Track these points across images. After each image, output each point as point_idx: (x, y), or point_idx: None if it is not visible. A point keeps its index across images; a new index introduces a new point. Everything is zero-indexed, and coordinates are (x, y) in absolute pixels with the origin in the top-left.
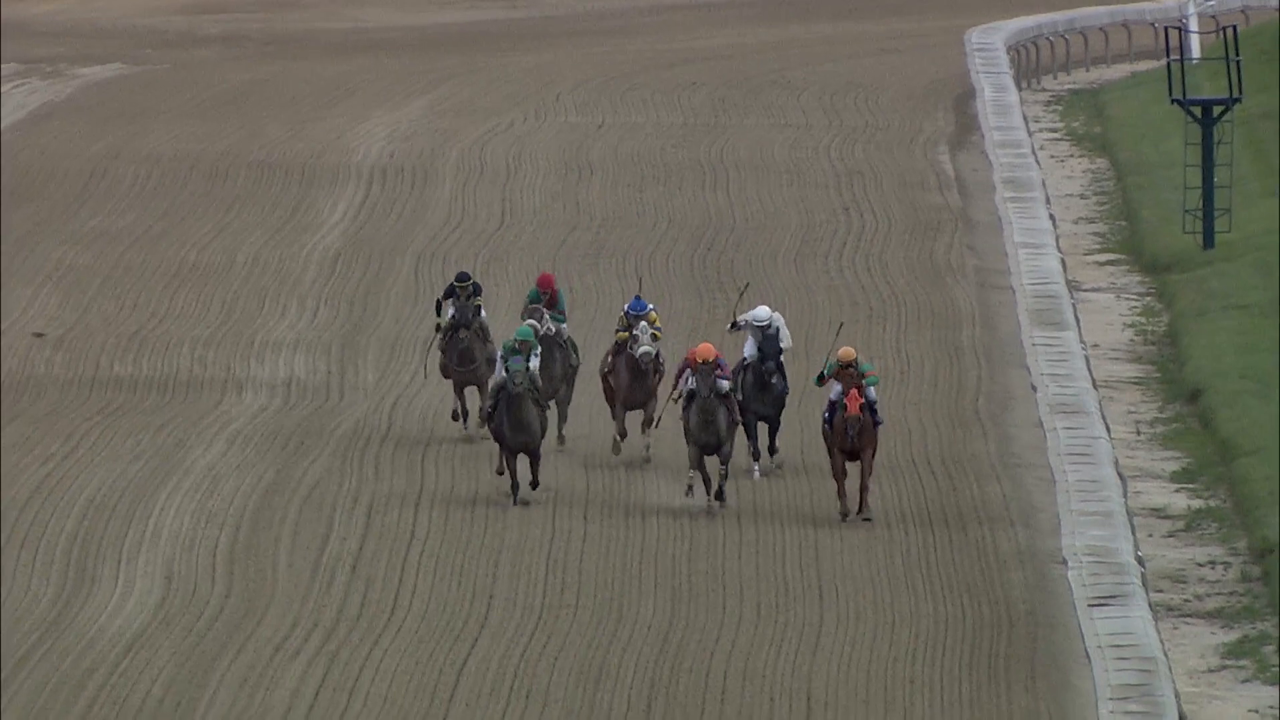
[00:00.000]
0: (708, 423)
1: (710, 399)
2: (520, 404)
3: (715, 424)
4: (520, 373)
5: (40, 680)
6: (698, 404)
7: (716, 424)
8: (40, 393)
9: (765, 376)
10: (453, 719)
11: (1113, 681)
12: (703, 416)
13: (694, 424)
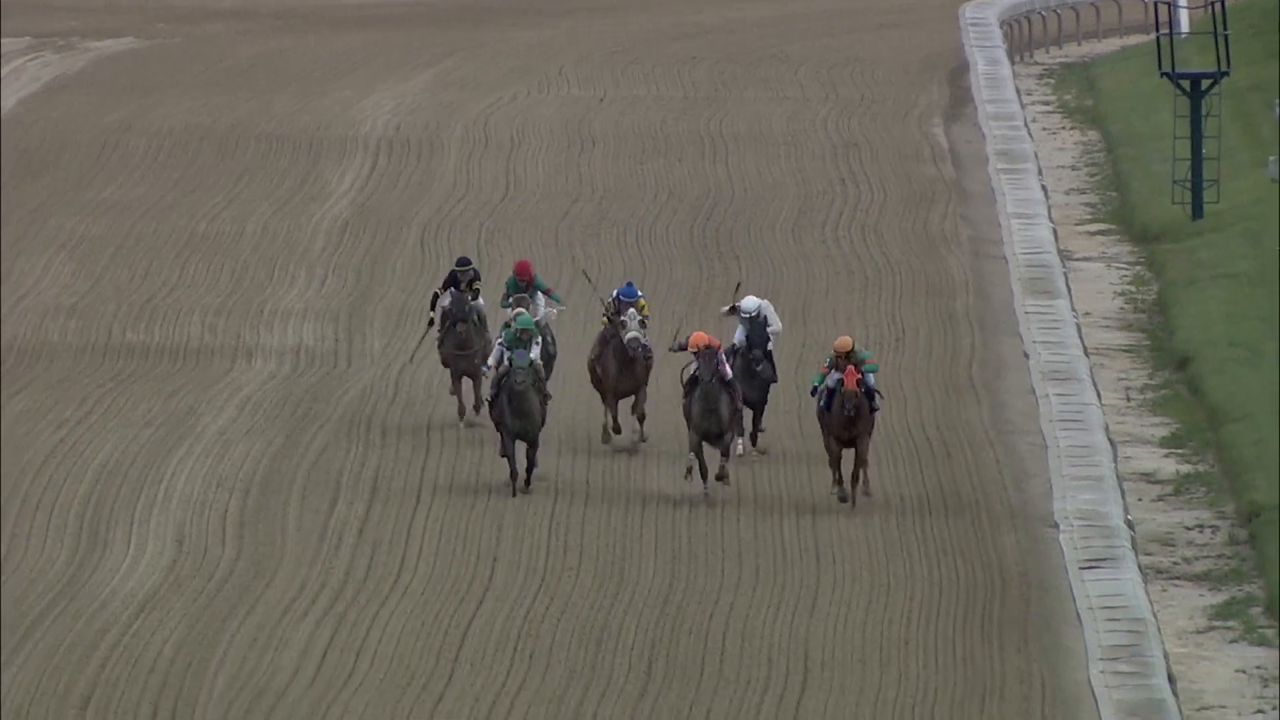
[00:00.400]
0: (710, 410)
1: (713, 384)
2: (523, 394)
3: (718, 411)
4: (524, 369)
5: (54, 641)
6: (701, 389)
7: (719, 411)
8: (53, 360)
9: (752, 364)
10: (457, 679)
11: (1103, 642)
12: (705, 403)
13: (696, 411)
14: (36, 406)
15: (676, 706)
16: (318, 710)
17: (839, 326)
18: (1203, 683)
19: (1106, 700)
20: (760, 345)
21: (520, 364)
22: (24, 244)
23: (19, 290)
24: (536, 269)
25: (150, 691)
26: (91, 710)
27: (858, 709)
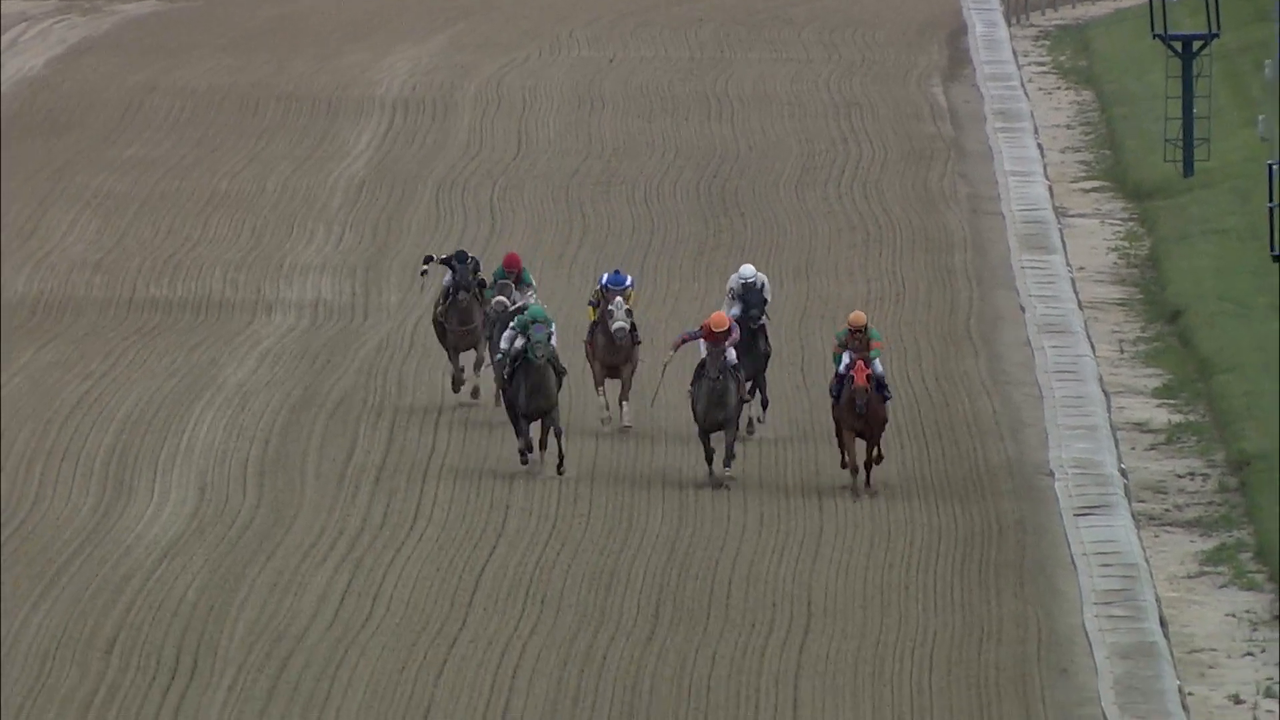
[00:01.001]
0: (714, 405)
1: (720, 379)
2: (541, 372)
3: (724, 404)
4: (542, 344)
5: (81, 585)
6: (706, 385)
7: (725, 404)
8: (80, 314)
9: (750, 325)
10: (471, 622)
11: (1097, 587)
12: (711, 397)
13: (702, 405)
14: (63, 359)
15: (683, 649)
16: (335, 653)
17: (841, 281)
18: (1193, 626)
19: (1100, 643)
20: (757, 304)
21: (539, 338)
22: (51, 201)
23: (46, 245)
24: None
25: (174, 634)
26: (117, 652)
27: (859, 652)
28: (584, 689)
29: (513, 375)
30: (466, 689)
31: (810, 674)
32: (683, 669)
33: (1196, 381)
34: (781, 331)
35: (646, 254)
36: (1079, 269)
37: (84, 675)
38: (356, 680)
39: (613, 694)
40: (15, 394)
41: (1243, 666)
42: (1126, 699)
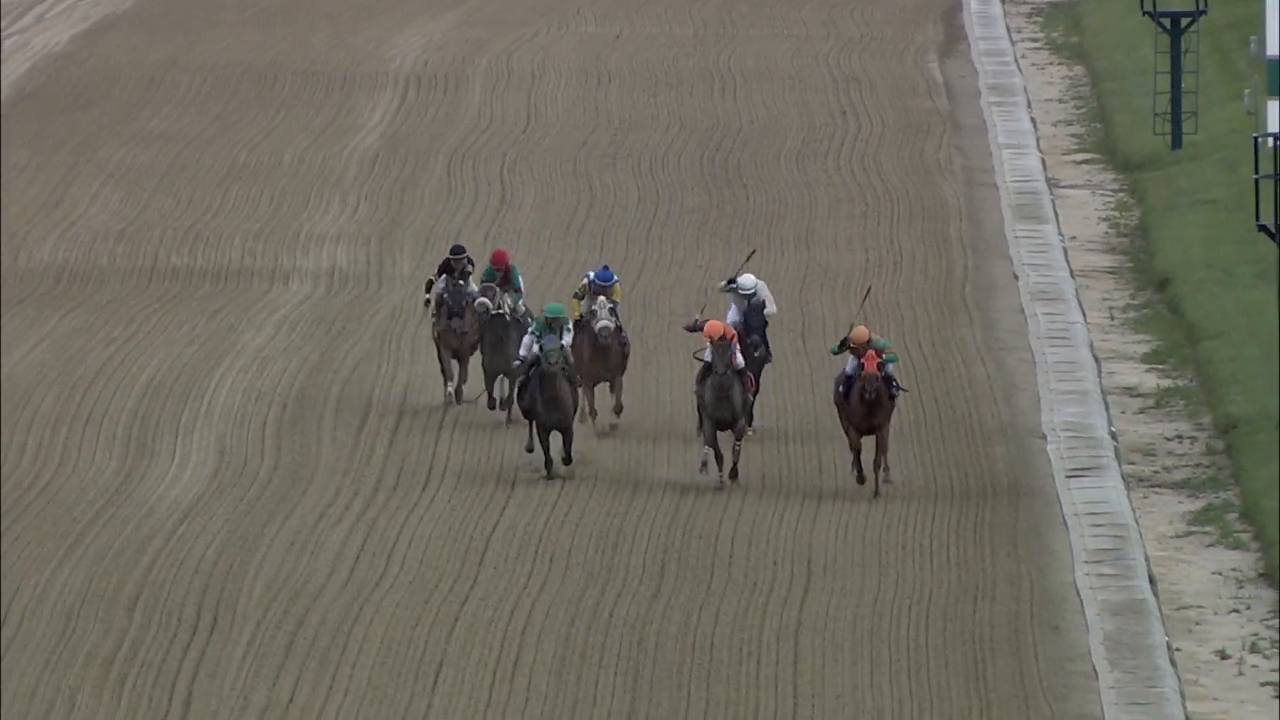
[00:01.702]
0: (722, 399)
1: (727, 375)
2: (554, 381)
3: (731, 399)
4: (555, 351)
5: (105, 545)
6: (713, 380)
7: (732, 399)
8: (103, 282)
9: (750, 349)
10: (482, 580)
11: (1088, 546)
12: (718, 392)
13: (710, 399)
14: (87, 325)
15: (687, 606)
16: (351, 610)
17: (840, 250)
18: (1181, 584)
19: (1091, 600)
20: (758, 327)
21: (551, 348)
22: (75, 173)
23: (70, 216)
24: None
25: (194, 592)
26: (139, 609)
27: (857, 609)
28: (591, 645)
29: (527, 383)
30: (477, 644)
31: (810, 631)
32: (687, 625)
33: (1184, 347)
34: (783, 299)
35: (652, 224)
36: (1071, 238)
37: (107, 631)
38: (371, 636)
39: (619, 650)
40: (40, 360)
41: (1229, 623)
42: (1116, 654)
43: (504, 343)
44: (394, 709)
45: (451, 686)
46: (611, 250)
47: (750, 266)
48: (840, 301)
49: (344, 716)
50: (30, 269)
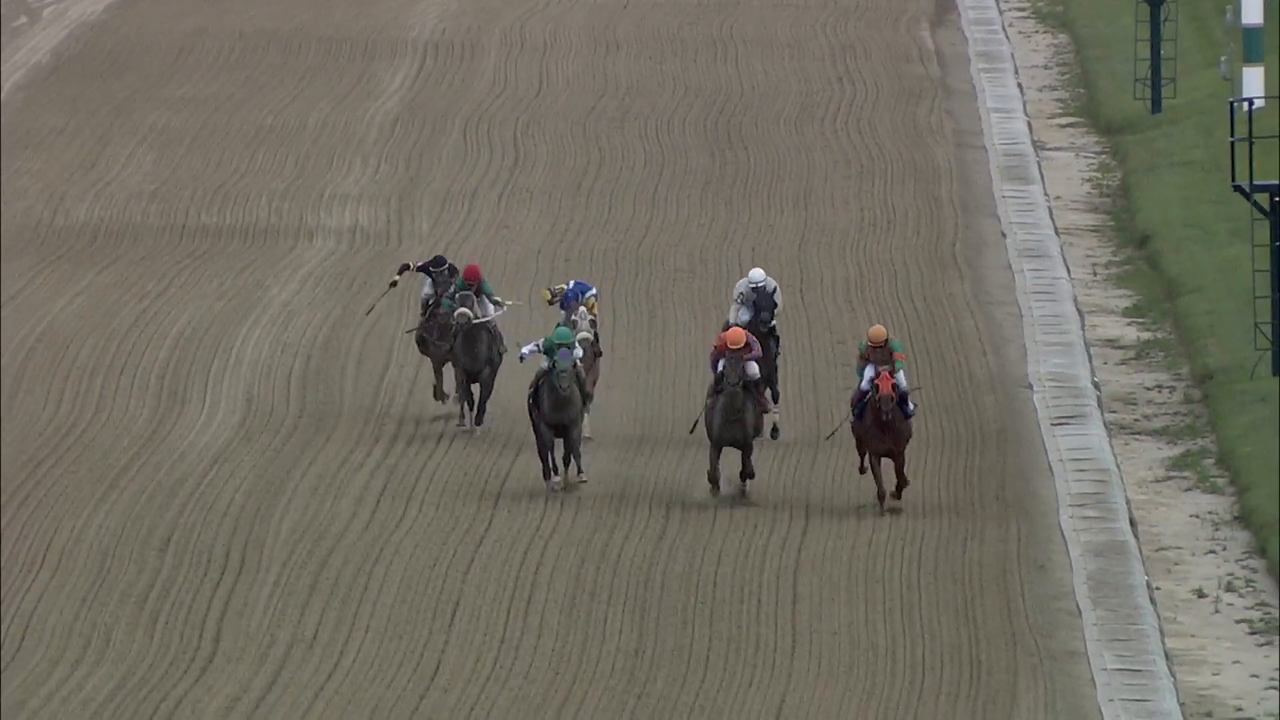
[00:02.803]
0: (732, 420)
1: (737, 390)
2: (567, 398)
3: (742, 419)
4: (567, 371)
5: (138, 489)
6: (724, 397)
7: (743, 419)
8: (137, 239)
9: (760, 328)
10: (496, 522)
11: (1072, 490)
12: (728, 413)
13: (718, 420)
14: (122, 280)
15: (691, 548)
16: (372, 551)
17: (837, 209)
18: (1161, 526)
19: (1075, 542)
20: (767, 306)
21: (564, 365)
22: (110, 136)
23: (106, 177)
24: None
25: (223, 534)
26: (171, 550)
27: (853, 550)
28: (600, 584)
29: (538, 391)
30: (492, 584)
31: (808, 571)
32: (691, 565)
33: (1163, 301)
34: (781, 257)
35: (658, 184)
36: (1056, 198)
37: (141, 571)
38: (391, 576)
39: (627, 588)
40: (78, 313)
41: (1206, 563)
42: (1099, 593)
43: (476, 344)
44: (413, 644)
45: (468, 623)
46: (619, 209)
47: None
48: (836, 258)
49: (365, 651)
50: (68, 227)
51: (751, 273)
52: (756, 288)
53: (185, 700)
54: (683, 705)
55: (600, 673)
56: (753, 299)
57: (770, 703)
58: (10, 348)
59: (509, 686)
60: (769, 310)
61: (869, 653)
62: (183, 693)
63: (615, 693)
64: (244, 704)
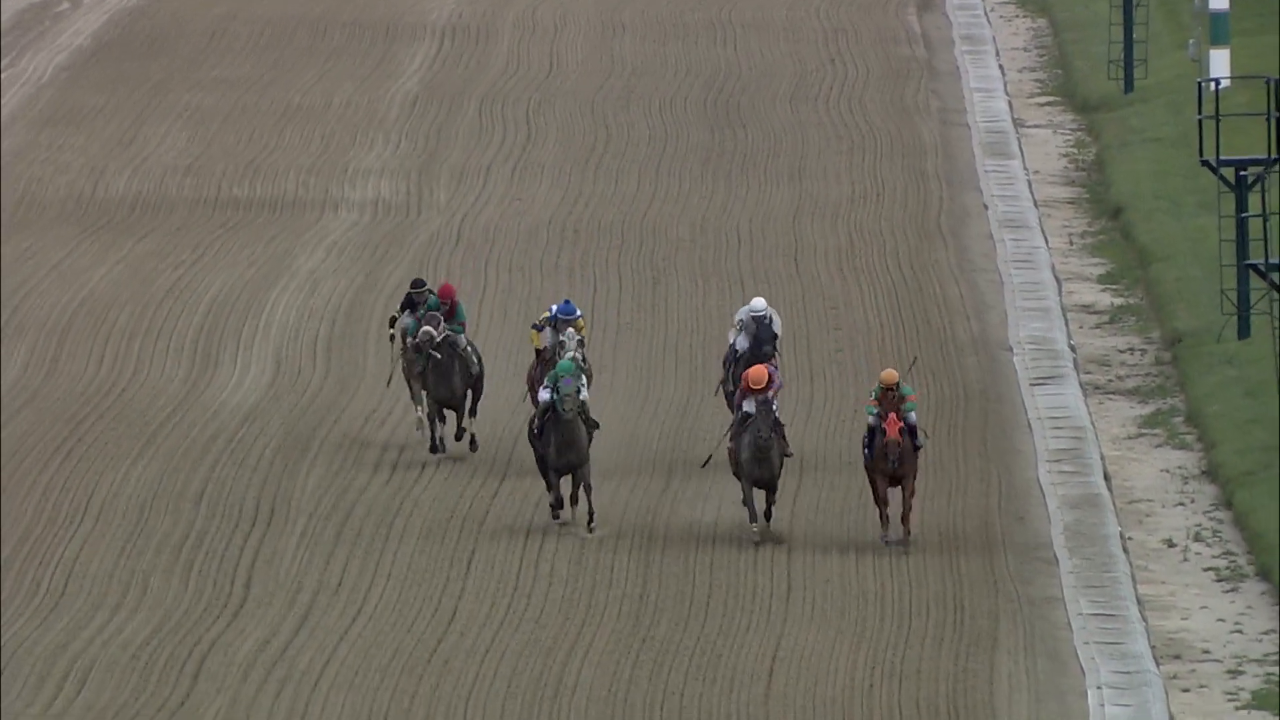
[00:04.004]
0: (761, 460)
1: (768, 436)
2: (570, 426)
3: (770, 461)
4: (571, 397)
5: (174, 445)
6: (752, 439)
7: (771, 461)
8: (172, 211)
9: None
10: (510, 477)
11: (1049, 446)
12: (757, 452)
13: (747, 459)
14: (158, 249)
15: (693, 500)
16: (393, 504)
17: (829, 183)
18: (1133, 480)
19: (1052, 495)
20: (768, 339)
21: (568, 391)
22: (147, 114)
23: (143, 153)
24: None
25: (253, 488)
26: (205, 503)
27: (844, 501)
28: (606, 535)
29: (543, 429)
30: (505, 535)
31: (801, 520)
32: (692, 517)
33: (1135, 269)
34: (777, 228)
35: (661, 159)
36: (1034, 172)
37: (177, 522)
38: (410, 527)
39: (631, 539)
40: (117, 280)
41: (1175, 515)
42: (1075, 543)
43: (450, 374)
44: (431, 591)
45: (482, 571)
46: (625, 182)
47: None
48: (829, 228)
49: (387, 597)
50: (107, 199)
51: (753, 301)
52: (756, 317)
53: (218, 643)
54: (684, 648)
55: (607, 617)
56: (753, 328)
57: (766, 646)
58: (54, 313)
59: (521, 630)
60: (770, 343)
61: (859, 599)
62: (216, 636)
63: (621, 636)
64: (273, 646)
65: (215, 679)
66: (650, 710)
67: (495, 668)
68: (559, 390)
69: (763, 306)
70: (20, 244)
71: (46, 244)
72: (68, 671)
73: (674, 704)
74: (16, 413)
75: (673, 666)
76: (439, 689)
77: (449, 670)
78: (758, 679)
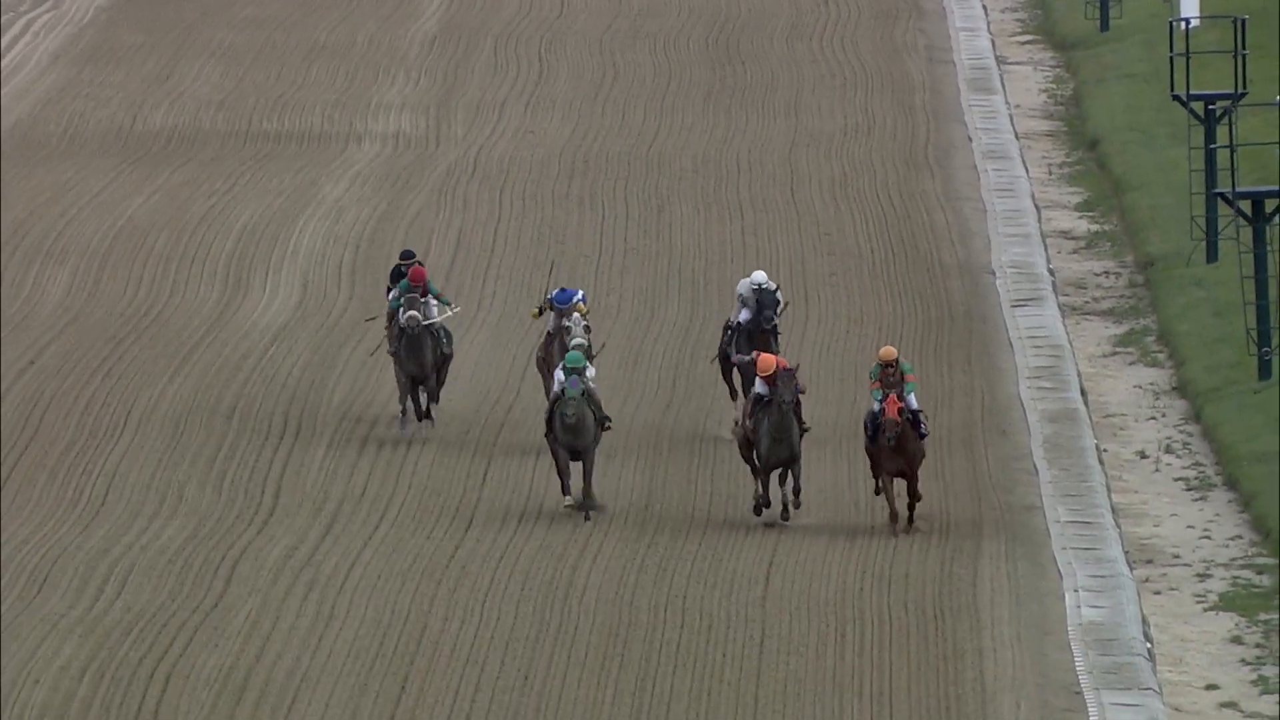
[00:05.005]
0: (779, 440)
1: (787, 411)
2: (574, 426)
3: (790, 440)
4: (575, 400)
5: (208, 363)
6: (773, 418)
7: (791, 440)
8: (206, 143)
9: (764, 325)
10: (524, 393)
11: (1030, 364)
12: (777, 433)
13: (766, 443)
14: (192, 179)
15: (695, 416)
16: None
17: (823, 117)
18: (1108, 396)
19: (1032, 409)
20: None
21: (573, 393)
22: (182, 52)
23: (179, 88)
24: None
25: (282, 403)
26: (236, 417)
27: (838, 415)
28: (614, 447)
29: (550, 417)
30: (518, 448)
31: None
32: (695, 431)
33: (1110, 197)
34: (774, 159)
35: (665, 94)
36: (1016, 106)
37: (210, 435)
38: (430, 440)
39: (638, 451)
40: (154, 208)
41: (1147, 428)
42: (1053, 454)
43: (421, 349)
44: (449, 500)
45: (497, 482)
46: (631, 116)
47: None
48: (823, 160)
49: (408, 506)
50: (145, 132)
51: (754, 274)
52: (759, 289)
53: (249, 549)
54: (686, 554)
55: (615, 524)
56: (755, 300)
57: (764, 551)
58: (95, 239)
59: (534, 536)
60: (772, 308)
61: (850, 508)
62: (247, 542)
63: (628, 542)
64: (300, 552)
65: (246, 582)
66: (655, 611)
67: (510, 571)
68: (565, 391)
69: (763, 279)
70: (63, 174)
71: (88, 174)
72: (108, 575)
73: (677, 605)
74: (60, 333)
75: (676, 571)
76: (456, 591)
77: (466, 574)
78: (755, 582)
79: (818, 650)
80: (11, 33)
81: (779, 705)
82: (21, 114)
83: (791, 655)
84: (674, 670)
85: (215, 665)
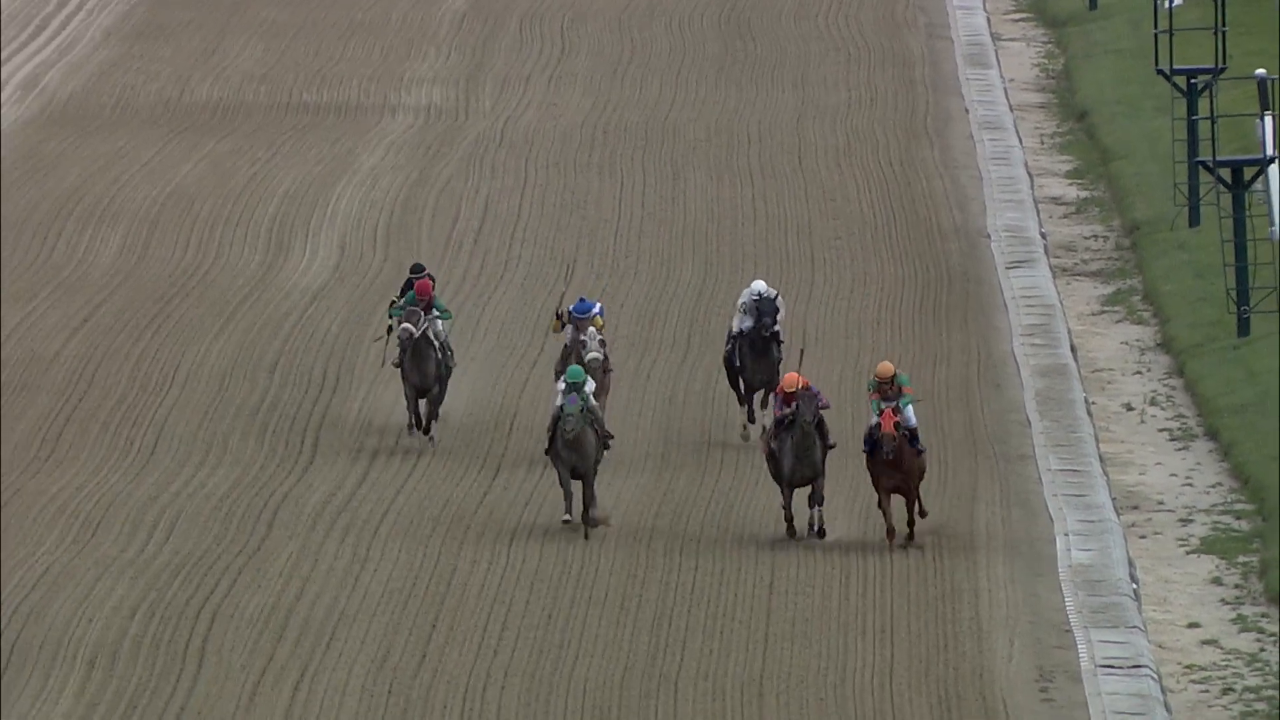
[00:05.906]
0: (803, 458)
1: (811, 430)
2: (573, 442)
3: (811, 457)
4: (574, 416)
5: (251, 321)
6: (796, 437)
7: (813, 457)
8: (249, 115)
9: (763, 332)
10: (549, 348)
11: (1023, 322)
12: (799, 451)
13: (789, 461)
14: (237, 148)
15: (709, 369)
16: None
17: (829, 90)
18: (1096, 352)
19: (1025, 364)
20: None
21: (571, 410)
22: (228, 28)
23: (224, 62)
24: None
25: (321, 359)
26: (278, 372)
27: (842, 370)
28: (632, 400)
29: (553, 437)
30: (543, 400)
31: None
32: (708, 384)
33: (1098, 165)
34: (782, 129)
35: (680, 68)
36: (1010, 80)
37: (253, 389)
38: (459, 393)
39: (655, 404)
40: (200, 175)
41: (1133, 382)
42: (1045, 407)
43: (425, 361)
44: (478, 449)
45: (522, 433)
46: (648, 89)
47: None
48: (828, 130)
49: (439, 456)
50: (192, 103)
51: (754, 284)
52: (759, 298)
53: (290, 496)
54: (700, 500)
55: (633, 472)
56: (755, 308)
57: (774, 499)
58: (145, 204)
59: (557, 486)
60: (771, 315)
61: (855, 458)
62: (287, 490)
63: (645, 489)
64: (338, 499)
65: (287, 528)
66: (669, 555)
67: (535, 516)
68: (564, 409)
69: (764, 288)
70: (115, 143)
71: (138, 144)
72: (157, 520)
73: (691, 548)
74: (113, 292)
75: (690, 515)
76: (484, 536)
77: (493, 519)
78: (765, 528)
79: (823, 591)
80: (66, 10)
81: (787, 642)
82: (76, 87)
83: (799, 595)
84: (689, 609)
85: (258, 605)
